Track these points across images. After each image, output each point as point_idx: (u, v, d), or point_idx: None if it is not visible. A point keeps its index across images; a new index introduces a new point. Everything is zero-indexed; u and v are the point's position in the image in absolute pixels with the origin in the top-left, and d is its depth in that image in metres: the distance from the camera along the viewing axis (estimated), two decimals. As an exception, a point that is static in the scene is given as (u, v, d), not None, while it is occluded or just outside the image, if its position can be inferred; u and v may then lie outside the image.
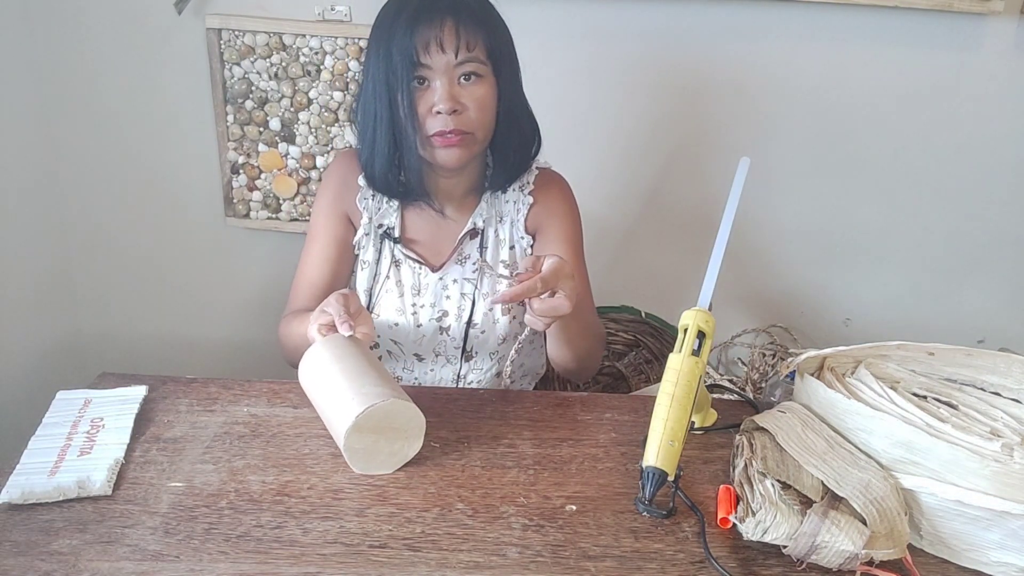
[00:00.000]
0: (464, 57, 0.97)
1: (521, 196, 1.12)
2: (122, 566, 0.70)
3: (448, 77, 0.97)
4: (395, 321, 1.12)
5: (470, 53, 0.97)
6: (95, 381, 1.00)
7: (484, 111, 1.00)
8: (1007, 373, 0.92)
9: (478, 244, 1.12)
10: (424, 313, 1.12)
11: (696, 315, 0.79)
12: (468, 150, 1.01)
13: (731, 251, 0.83)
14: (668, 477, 0.74)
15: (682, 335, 0.79)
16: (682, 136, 1.59)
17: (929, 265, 1.69)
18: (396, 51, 0.96)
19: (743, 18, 1.49)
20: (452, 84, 0.97)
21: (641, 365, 1.67)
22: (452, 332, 1.13)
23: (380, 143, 1.02)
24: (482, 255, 1.12)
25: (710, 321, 0.79)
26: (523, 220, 1.12)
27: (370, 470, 0.83)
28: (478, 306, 1.12)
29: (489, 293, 1.12)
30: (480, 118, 1.00)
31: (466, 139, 0.99)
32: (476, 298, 1.12)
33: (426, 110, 0.98)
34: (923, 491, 0.74)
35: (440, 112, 0.97)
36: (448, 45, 0.96)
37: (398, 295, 1.12)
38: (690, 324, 0.78)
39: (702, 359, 0.78)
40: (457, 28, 0.96)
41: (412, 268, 1.12)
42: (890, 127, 1.57)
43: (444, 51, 0.96)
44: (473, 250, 1.12)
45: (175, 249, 1.70)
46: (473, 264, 1.12)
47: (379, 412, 0.80)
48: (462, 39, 0.96)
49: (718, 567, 0.71)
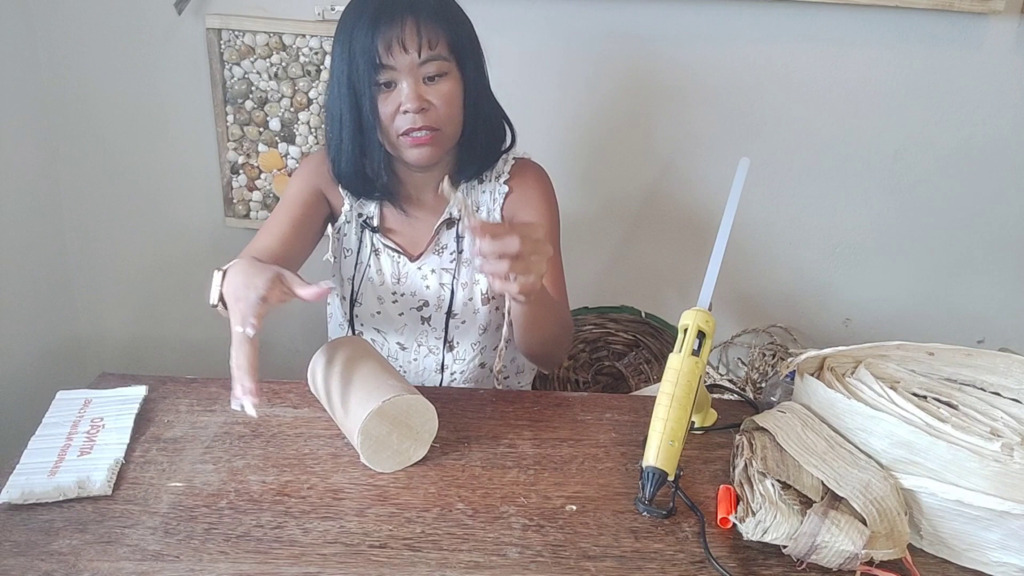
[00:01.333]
0: (427, 56, 0.97)
1: (497, 186, 1.12)
2: (122, 566, 0.70)
3: (413, 76, 0.97)
4: (377, 310, 1.14)
5: (432, 51, 0.97)
6: (95, 381, 1.00)
7: (451, 106, 1.00)
8: (1007, 373, 0.92)
9: (455, 234, 1.12)
10: (404, 302, 1.14)
11: (696, 315, 0.79)
12: (439, 147, 1.02)
13: (731, 251, 0.83)
14: (668, 477, 0.74)
15: (682, 335, 0.79)
16: (682, 136, 1.59)
17: (929, 265, 1.69)
18: (359, 53, 0.96)
19: (744, 18, 1.49)
20: (418, 83, 0.97)
21: (641, 365, 1.67)
22: (433, 322, 1.14)
23: (346, 143, 1.02)
24: (459, 245, 1.12)
25: (710, 321, 0.79)
26: (499, 209, 1.12)
27: (374, 463, 0.84)
28: (457, 296, 1.13)
29: (468, 283, 1.12)
30: (448, 113, 1.00)
31: (436, 136, 1.00)
32: (455, 288, 1.12)
33: (393, 109, 0.98)
34: (923, 491, 0.74)
35: (407, 111, 0.97)
36: (410, 44, 0.95)
37: (379, 283, 1.13)
38: (690, 324, 0.78)
39: (702, 359, 0.78)
40: (418, 26, 0.96)
41: (391, 257, 1.13)
42: (890, 127, 1.57)
43: (407, 51, 0.96)
44: (451, 240, 1.12)
45: (175, 249, 1.70)
46: (451, 254, 1.12)
47: (403, 403, 0.82)
48: (423, 37, 0.96)
49: (718, 567, 0.71)
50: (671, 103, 1.57)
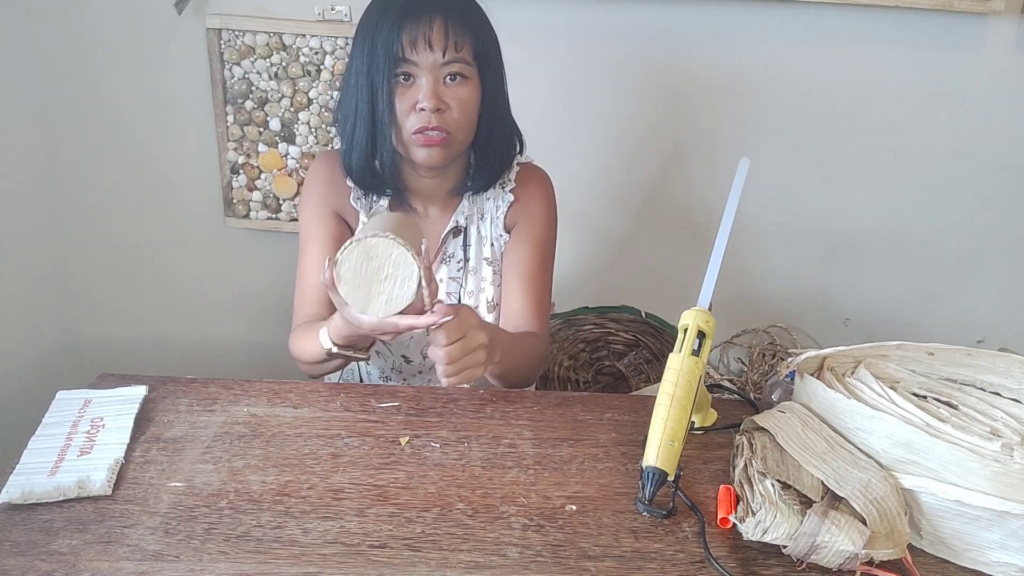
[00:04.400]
0: (451, 57, 0.97)
1: (502, 193, 1.12)
2: (122, 566, 0.70)
3: (434, 75, 0.97)
4: None
5: (457, 53, 0.97)
6: (95, 381, 1.00)
7: (467, 112, 1.00)
8: (1007, 373, 0.92)
9: (462, 242, 1.12)
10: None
11: (696, 315, 0.79)
12: (449, 150, 1.01)
13: (731, 251, 0.83)
14: (668, 477, 0.74)
15: (682, 335, 0.79)
16: (682, 137, 1.59)
17: (929, 265, 1.69)
18: (381, 45, 0.96)
19: (744, 18, 1.49)
20: (437, 82, 0.97)
21: (641, 365, 1.67)
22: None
23: (359, 136, 1.01)
24: (465, 253, 1.12)
25: (710, 321, 0.79)
26: (503, 217, 1.12)
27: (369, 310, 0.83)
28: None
29: (475, 291, 1.12)
30: (462, 119, 1.00)
31: (447, 139, 0.99)
32: (462, 297, 1.12)
33: (409, 106, 0.98)
34: (923, 491, 0.74)
35: (423, 109, 0.97)
36: (436, 43, 0.96)
37: None
38: (690, 324, 0.78)
39: (702, 359, 0.78)
40: (446, 27, 0.96)
41: None
42: (890, 127, 1.57)
43: (432, 49, 0.96)
44: (457, 248, 1.12)
45: (175, 249, 1.70)
46: (458, 263, 1.12)
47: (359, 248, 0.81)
48: (450, 39, 0.96)
49: (718, 567, 0.71)
50: (671, 103, 1.57)
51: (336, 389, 1.00)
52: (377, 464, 0.85)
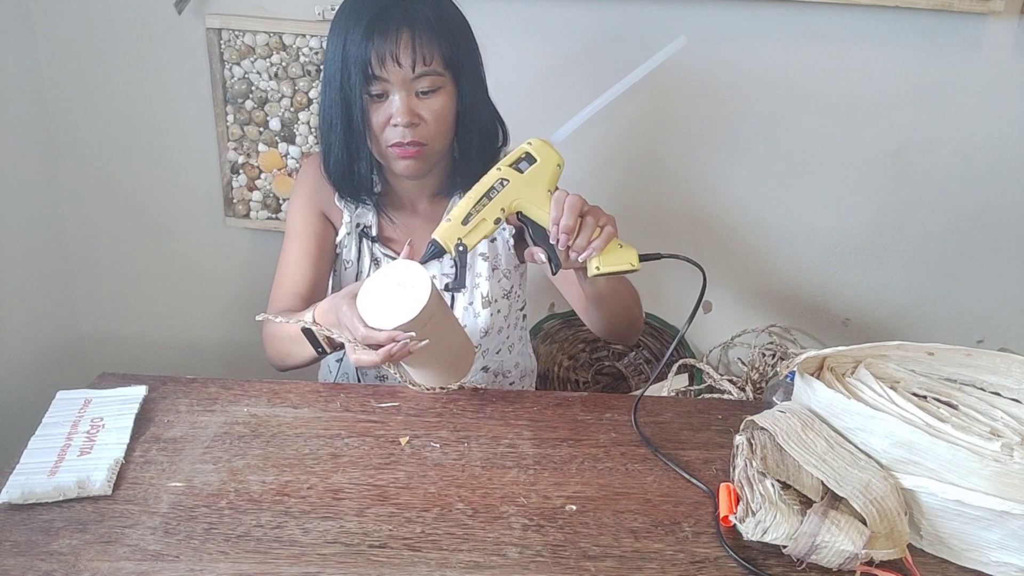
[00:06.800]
0: (421, 71, 0.96)
1: None
2: (122, 566, 0.70)
3: (405, 90, 0.97)
4: None
5: (427, 67, 0.96)
6: (95, 381, 1.00)
7: (442, 122, 1.00)
8: (1007, 373, 0.92)
9: None
10: None
11: (535, 142, 0.91)
12: (426, 161, 1.02)
13: (731, 251, 0.83)
14: (446, 252, 0.88)
15: (516, 155, 0.91)
16: (682, 136, 1.59)
17: (929, 265, 1.69)
18: (352, 62, 0.96)
19: (743, 18, 1.49)
20: (410, 96, 0.97)
21: (641, 365, 1.68)
22: None
23: (336, 146, 1.02)
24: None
25: (545, 151, 0.91)
26: None
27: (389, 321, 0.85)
28: (458, 301, 1.12)
29: (469, 287, 1.12)
30: (438, 129, 1.00)
31: (423, 151, 1.00)
32: (455, 294, 1.12)
33: (384, 120, 0.99)
34: (923, 491, 0.74)
35: (398, 124, 0.97)
36: (404, 59, 0.95)
37: None
38: (526, 147, 0.91)
39: (524, 176, 0.90)
40: (413, 41, 0.95)
41: None
42: (890, 127, 1.57)
43: (400, 65, 0.95)
44: None
45: (175, 249, 1.70)
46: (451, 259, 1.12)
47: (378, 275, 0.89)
48: (418, 52, 0.95)
49: (734, 555, 0.71)
50: (670, 103, 1.57)
51: (336, 389, 1.00)
52: (377, 464, 0.85)
